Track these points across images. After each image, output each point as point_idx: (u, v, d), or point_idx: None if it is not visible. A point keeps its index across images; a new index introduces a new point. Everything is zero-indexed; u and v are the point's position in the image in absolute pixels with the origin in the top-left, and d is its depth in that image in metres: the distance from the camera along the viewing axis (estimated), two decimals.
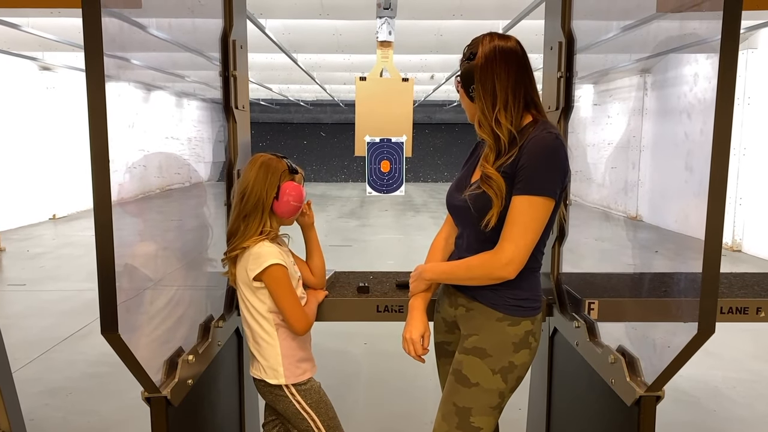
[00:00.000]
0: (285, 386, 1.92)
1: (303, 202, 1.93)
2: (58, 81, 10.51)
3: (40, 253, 7.72)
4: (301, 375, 1.94)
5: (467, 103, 1.69)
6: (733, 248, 8.05)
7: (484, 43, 1.62)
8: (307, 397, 1.93)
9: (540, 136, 1.56)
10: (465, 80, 1.64)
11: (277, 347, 1.90)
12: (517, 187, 1.55)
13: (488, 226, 1.59)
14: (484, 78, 1.60)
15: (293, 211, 1.91)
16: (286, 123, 20.95)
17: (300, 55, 8.72)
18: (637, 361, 1.70)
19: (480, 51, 1.61)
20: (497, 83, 1.59)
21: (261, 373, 1.94)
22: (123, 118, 1.63)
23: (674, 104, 9.03)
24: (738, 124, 7.67)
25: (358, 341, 4.42)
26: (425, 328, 1.78)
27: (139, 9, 1.73)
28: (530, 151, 1.55)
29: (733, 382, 3.74)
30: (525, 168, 1.54)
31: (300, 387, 1.93)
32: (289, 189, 1.88)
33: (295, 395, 1.92)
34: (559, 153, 1.56)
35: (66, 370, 3.89)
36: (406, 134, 3.16)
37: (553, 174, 1.55)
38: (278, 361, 1.90)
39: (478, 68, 1.60)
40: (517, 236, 1.54)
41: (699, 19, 1.73)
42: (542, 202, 1.54)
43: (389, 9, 3.63)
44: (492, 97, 1.59)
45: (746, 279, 2.41)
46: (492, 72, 1.59)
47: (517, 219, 1.54)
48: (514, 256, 1.55)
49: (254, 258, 1.84)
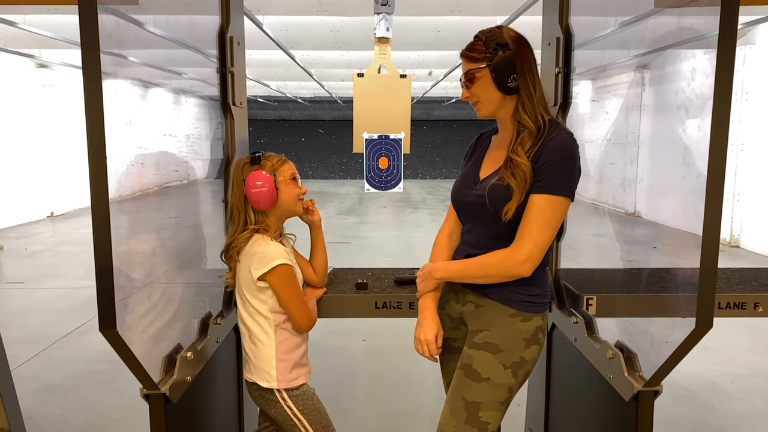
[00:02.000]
0: (276, 390, 1.88)
1: (273, 183, 1.85)
2: (55, 78, 10.48)
3: (38, 251, 7.71)
4: (294, 380, 1.90)
5: (491, 97, 1.64)
6: (731, 244, 8.06)
7: (510, 34, 1.62)
8: (299, 403, 1.90)
9: (561, 137, 1.58)
10: (503, 71, 1.60)
11: (273, 349, 1.87)
12: (537, 185, 1.56)
13: (506, 217, 1.58)
14: (525, 65, 1.61)
15: (268, 196, 1.84)
16: (284, 120, 20.92)
17: (298, 52, 8.70)
18: (635, 356, 1.71)
19: (510, 40, 1.60)
20: (534, 72, 1.62)
21: (253, 376, 1.91)
22: (120, 116, 1.63)
23: (672, 100, 9.04)
24: (736, 120, 7.67)
25: (356, 338, 4.42)
26: (438, 327, 1.76)
27: (135, 6, 1.73)
28: (551, 151, 1.56)
29: (731, 377, 3.75)
30: (546, 167, 1.55)
31: (292, 392, 1.90)
32: (250, 178, 1.84)
33: (287, 400, 1.88)
34: (577, 154, 1.59)
35: (65, 367, 3.89)
36: (404, 131, 3.16)
37: (572, 175, 1.58)
38: (272, 364, 1.87)
39: (518, 56, 1.60)
40: (536, 234, 1.55)
41: (696, 15, 1.74)
42: (561, 201, 1.56)
43: (387, 5, 3.62)
44: (534, 84, 1.62)
45: (744, 274, 2.42)
46: (528, 61, 1.62)
47: (537, 217, 1.55)
48: (532, 253, 1.56)
49: (259, 258, 1.81)
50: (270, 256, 1.81)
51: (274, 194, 1.85)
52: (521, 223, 1.58)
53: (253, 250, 1.84)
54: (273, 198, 1.85)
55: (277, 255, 1.82)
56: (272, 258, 1.81)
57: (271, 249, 1.82)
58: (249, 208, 1.87)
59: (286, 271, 1.83)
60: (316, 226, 2.08)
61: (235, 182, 1.87)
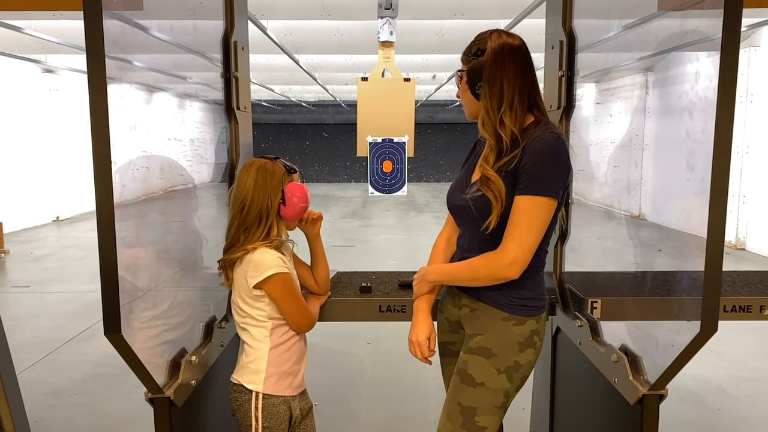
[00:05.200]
0: (255, 393, 1.80)
1: (309, 201, 1.86)
2: (61, 83, 10.54)
3: (43, 255, 7.74)
4: (280, 389, 1.82)
5: (469, 100, 1.68)
6: (737, 246, 8.03)
7: (493, 40, 1.60)
8: (266, 418, 1.80)
9: (542, 137, 1.56)
10: (472, 77, 1.62)
11: (266, 353, 1.81)
12: (519, 187, 1.55)
13: (488, 228, 1.58)
14: (492, 76, 1.58)
15: (301, 212, 1.84)
16: (288, 124, 20.96)
17: (301, 56, 8.72)
18: (639, 359, 1.70)
19: (488, 48, 1.59)
20: (505, 83, 1.58)
21: (241, 378, 1.83)
22: (125, 120, 1.64)
23: (676, 103, 9.02)
24: (741, 123, 7.65)
25: (361, 341, 4.42)
26: (431, 329, 1.77)
27: (140, 11, 1.74)
28: (533, 151, 1.54)
29: (736, 380, 3.73)
30: (528, 168, 1.54)
31: (268, 400, 1.81)
32: (295, 190, 1.80)
33: (258, 409, 1.79)
34: (562, 153, 1.56)
35: (70, 371, 3.90)
36: (408, 134, 3.17)
37: (555, 174, 1.55)
38: (262, 368, 1.81)
39: (487, 66, 1.58)
40: (520, 236, 1.54)
41: (700, 17, 1.73)
42: (545, 202, 1.54)
43: (390, 9, 3.63)
44: (499, 97, 1.58)
45: (749, 277, 2.40)
46: (500, 71, 1.58)
47: (520, 219, 1.54)
48: (518, 256, 1.55)
49: (254, 266, 1.76)
50: (264, 265, 1.75)
51: (306, 210, 1.86)
52: (507, 226, 1.57)
53: (247, 257, 1.78)
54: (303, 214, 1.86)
55: (272, 264, 1.76)
56: (267, 267, 1.75)
57: (266, 257, 1.76)
58: (277, 218, 1.81)
59: (282, 279, 1.77)
60: (315, 237, 2.01)
61: (272, 189, 1.78)
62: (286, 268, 1.80)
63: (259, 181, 1.78)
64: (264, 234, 1.79)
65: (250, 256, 1.78)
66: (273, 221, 1.80)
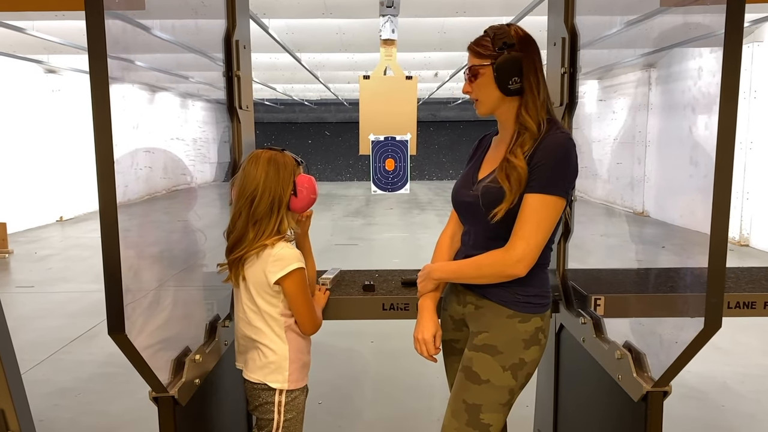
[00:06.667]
0: (279, 391, 1.81)
1: (318, 193, 1.83)
2: (64, 84, 10.56)
3: (47, 255, 7.76)
4: (301, 380, 1.86)
5: (490, 95, 1.63)
6: (741, 243, 8.01)
7: (518, 33, 1.60)
8: (289, 411, 1.83)
9: (555, 136, 1.57)
10: (505, 72, 1.58)
11: (287, 351, 1.81)
12: (530, 185, 1.55)
13: (494, 219, 1.58)
14: (531, 69, 1.59)
15: (311, 203, 1.82)
16: (291, 122, 20.97)
17: (303, 55, 8.72)
18: (643, 356, 1.70)
19: (517, 41, 1.58)
20: (540, 74, 1.61)
21: (264, 378, 1.82)
22: (128, 120, 1.64)
23: (679, 99, 8.99)
24: (744, 118, 7.63)
25: (364, 339, 4.42)
26: (436, 327, 1.77)
27: (142, 10, 1.74)
28: (545, 150, 1.55)
29: (741, 377, 3.72)
30: (540, 167, 1.54)
31: (291, 394, 1.83)
32: (305, 182, 1.78)
33: (282, 404, 1.81)
34: (572, 153, 1.58)
35: (75, 370, 3.91)
36: (410, 132, 3.17)
37: (566, 174, 1.57)
38: (285, 365, 1.81)
39: (525, 59, 1.59)
40: (529, 234, 1.54)
41: (702, 13, 1.73)
42: (555, 201, 1.54)
43: (392, 7, 3.63)
44: (537, 87, 1.60)
45: (753, 273, 2.40)
46: (535, 62, 1.60)
47: (529, 217, 1.54)
48: (526, 253, 1.55)
49: (275, 260, 1.72)
50: (287, 259, 1.73)
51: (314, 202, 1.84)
52: (515, 223, 1.57)
53: (266, 252, 1.74)
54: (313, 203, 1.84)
55: (294, 258, 1.74)
56: (289, 261, 1.73)
57: (287, 251, 1.74)
58: (287, 211, 1.77)
59: (301, 275, 1.76)
60: (304, 235, 1.97)
61: (284, 180, 1.74)
62: (303, 263, 1.79)
63: (271, 172, 1.73)
64: (276, 227, 1.75)
65: (270, 251, 1.74)
66: (284, 214, 1.77)
